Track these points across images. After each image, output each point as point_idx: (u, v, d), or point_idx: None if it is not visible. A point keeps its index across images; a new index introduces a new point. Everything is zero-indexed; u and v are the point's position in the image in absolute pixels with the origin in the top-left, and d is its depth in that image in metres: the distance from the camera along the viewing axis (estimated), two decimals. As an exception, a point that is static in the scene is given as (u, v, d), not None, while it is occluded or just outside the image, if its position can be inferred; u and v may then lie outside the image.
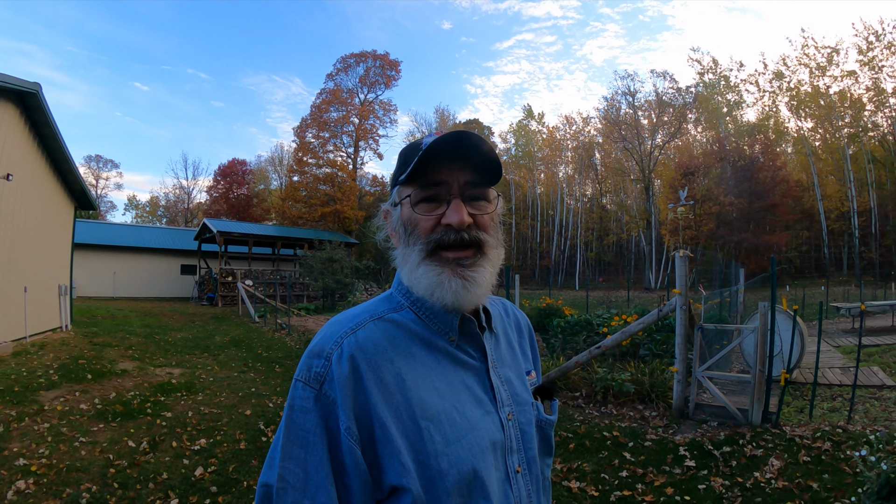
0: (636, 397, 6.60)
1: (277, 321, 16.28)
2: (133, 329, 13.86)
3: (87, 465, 4.42)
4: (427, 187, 0.87)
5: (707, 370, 5.94)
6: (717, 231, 37.49)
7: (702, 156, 41.68)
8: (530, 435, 0.95)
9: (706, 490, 3.93)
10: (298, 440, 0.76)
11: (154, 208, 68.88)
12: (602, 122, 51.12)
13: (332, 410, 0.76)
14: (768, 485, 3.95)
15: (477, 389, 0.89)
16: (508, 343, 1.04)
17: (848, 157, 36.20)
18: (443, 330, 0.89)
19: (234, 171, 55.71)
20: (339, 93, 45.73)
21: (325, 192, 43.00)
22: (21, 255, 10.11)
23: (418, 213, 0.87)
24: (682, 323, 6.07)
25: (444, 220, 0.86)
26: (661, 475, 4.27)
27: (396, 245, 0.95)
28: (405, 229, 0.90)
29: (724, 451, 4.66)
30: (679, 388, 6.03)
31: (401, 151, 0.95)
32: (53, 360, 8.61)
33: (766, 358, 5.59)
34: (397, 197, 0.92)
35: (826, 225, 37.67)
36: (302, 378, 0.80)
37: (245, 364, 9.64)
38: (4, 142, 9.21)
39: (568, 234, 51.35)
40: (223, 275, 25.11)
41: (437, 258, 0.86)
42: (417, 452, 0.76)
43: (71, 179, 12.74)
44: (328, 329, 0.86)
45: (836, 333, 12.42)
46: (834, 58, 37.71)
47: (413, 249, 0.88)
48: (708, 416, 5.79)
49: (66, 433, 5.19)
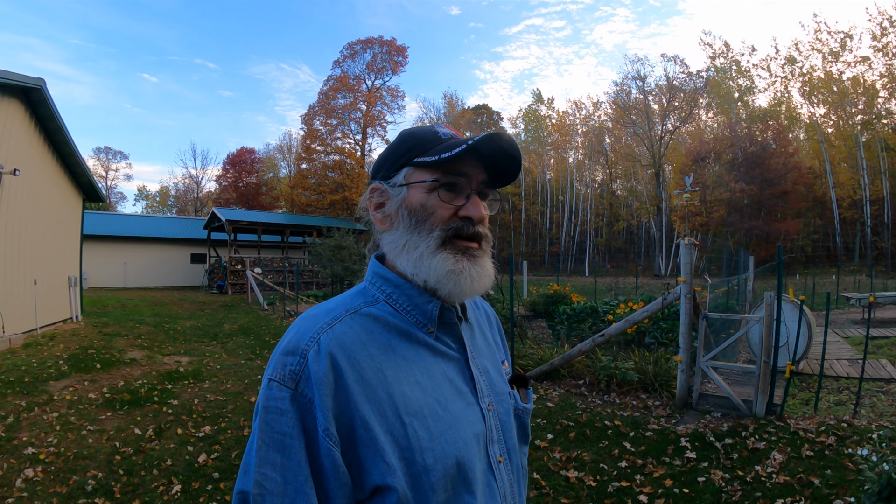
0: (639, 386, 6.58)
1: (286, 308, 16.35)
2: (143, 318, 14.03)
3: (94, 453, 4.51)
4: (451, 176, 0.86)
5: (711, 360, 5.88)
6: (727, 218, 37.15)
7: (713, 141, 41.24)
8: (509, 424, 0.95)
9: (705, 483, 3.90)
10: (274, 444, 0.73)
11: (164, 198, 69.41)
12: (612, 106, 50.73)
13: (310, 410, 0.74)
14: (769, 479, 3.92)
15: (458, 381, 0.88)
16: (482, 334, 1.03)
17: (861, 145, 35.69)
18: (421, 322, 0.87)
19: (242, 159, 55.97)
20: (346, 79, 45.53)
21: (333, 180, 43.02)
22: (30, 248, 10.27)
23: (440, 199, 0.86)
24: (687, 312, 6.05)
25: (464, 213, 0.86)
26: (661, 466, 4.23)
27: (385, 228, 0.92)
28: (411, 214, 0.88)
29: (726, 442, 4.62)
30: (683, 377, 6.00)
31: (410, 133, 0.93)
32: (63, 351, 8.75)
33: (772, 349, 5.52)
34: (403, 179, 0.89)
35: (838, 213, 37.20)
36: (276, 377, 0.76)
37: (252, 351, 9.73)
38: (10, 137, 9.29)
39: (578, 221, 51.16)
40: (232, 263, 25.24)
41: (453, 247, 0.86)
42: (402, 450, 0.75)
43: (78, 172, 12.87)
44: (302, 324, 0.82)
45: (846, 324, 12.32)
46: (847, 43, 37.11)
47: (426, 236, 0.86)
48: (711, 406, 5.77)
49: (74, 422, 5.29)
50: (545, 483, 3.98)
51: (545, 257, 51.31)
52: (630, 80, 48.54)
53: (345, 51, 47.01)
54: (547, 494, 3.80)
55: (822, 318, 13.38)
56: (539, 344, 8.69)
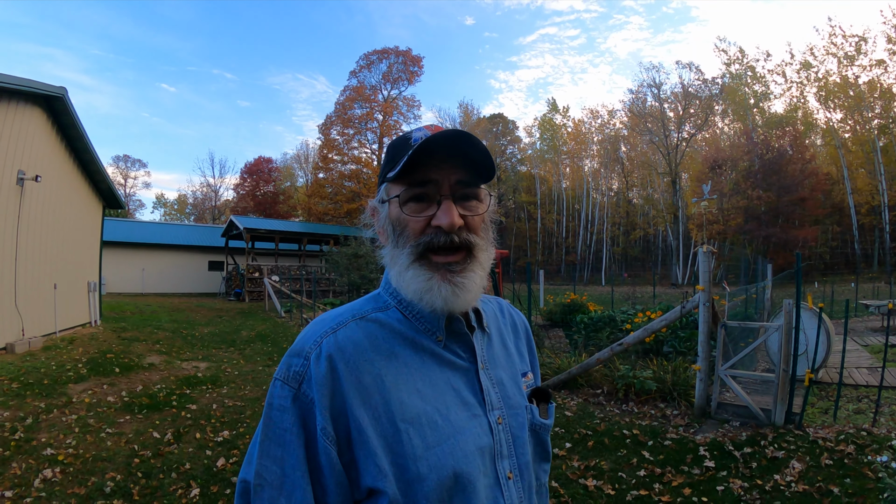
0: (658, 395, 6.50)
1: (303, 316, 16.45)
2: (161, 324, 14.17)
3: (113, 456, 4.54)
4: (416, 186, 0.83)
5: (730, 369, 5.81)
6: (745, 226, 36.89)
7: (729, 148, 41.00)
8: (522, 440, 0.92)
9: (724, 492, 3.86)
10: (276, 438, 0.76)
11: (182, 206, 70.26)
12: (628, 114, 50.59)
13: (310, 410, 0.76)
14: (788, 488, 3.86)
15: (464, 391, 0.87)
16: (503, 343, 1.01)
17: (878, 150, 35.08)
18: (430, 329, 0.87)
19: (260, 168, 56.55)
20: (362, 90, 46.11)
21: (350, 189, 43.52)
22: (50, 253, 10.46)
23: (407, 213, 0.84)
24: (706, 320, 5.97)
25: (434, 222, 0.83)
26: (680, 475, 4.19)
27: (384, 243, 0.91)
28: (393, 229, 0.87)
29: (745, 451, 4.57)
30: (701, 386, 5.92)
31: (389, 145, 0.91)
32: (82, 355, 8.85)
33: (791, 357, 5.44)
34: (385, 194, 0.89)
35: (856, 220, 36.60)
36: (281, 377, 0.79)
37: (270, 358, 9.76)
38: (33, 144, 9.53)
39: (594, 229, 51.00)
40: (250, 271, 25.46)
41: (426, 262, 0.84)
42: (395, 455, 0.75)
43: (98, 179, 13.10)
44: (310, 328, 0.85)
45: (865, 332, 12.07)
46: (862, 47, 36.66)
47: (402, 252, 0.85)
48: (730, 415, 5.68)
49: (93, 424, 5.35)
50: (563, 491, 3.94)
51: (561, 266, 51.09)
52: (645, 87, 48.44)
53: (361, 61, 47.82)
54: (566, 503, 3.77)
55: (841, 326, 13.23)
56: (556, 353, 8.64)
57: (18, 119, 9.02)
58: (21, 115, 9.10)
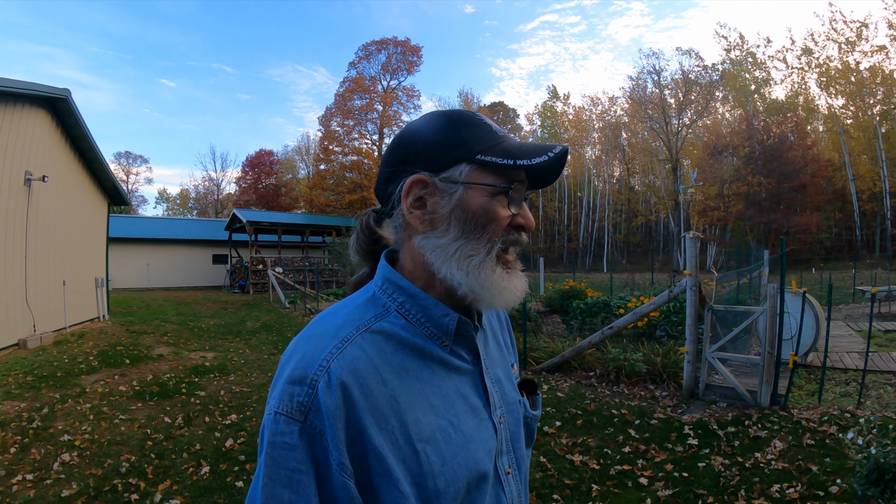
0: (648, 377, 6.71)
1: (307, 306, 16.76)
2: (168, 317, 14.47)
3: (127, 439, 4.82)
4: (515, 181, 0.81)
5: (718, 351, 5.99)
6: (745, 212, 36.86)
7: (729, 135, 40.88)
8: (519, 435, 0.92)
9: (705, 468, 4.03)
10: (282, 480, 0.68)
11: (184, 200, 70.49)
12: (628, 101, 50.42)
13: (320, 443, 0.69)
14: (768, 465, 4.02)
15: (472, 396, 0.84)
16: (495, 338, 0.99)
17: (880, 136, 34.90)
18: (435, 335, 0.82)
19: (261, 161, 56.61)
20: (361, 81, 46.03)
21: (351, 180, 43.62)
22: (59, 251, 10.73)
23: (506, 208, 0.80)
24: (693, 304, 6.16)
25: (519, 221, 0.82)
26: (663, 452, 4.37)
27: (423, 230, 0.82)
28: (472, 219, 0.80)
29: (729, 431, 4.75)
30: (689, 368, 6.12)
31: (459, 119, 0.83)
32: (93, 348, 9.16)
33: (775, 340, 5.61)
34: (465, 177, 0.80)
35: (858, 206, 36.46)
36: (283, 411, 0.70)
37: (275, 347, 10.04)
38: (39, 145, 9.76)
39: (596, 217, 50.96)
40: (254, 263, 25.69)
41: (501, 259, 0.81)
42: (415, 476, 0.72)
43: (103, 178, 13.34)
44: (308, 346, 0.75)
45: (862, 317, 12.11)
46: (863, 32, 36.34)
47: (484, 246, 0.79)
48: (718, 397, 5.87)
49: (107, 412, 5.63)
50: (551, 466, 4.16)
51: (563, 254, 51.18)
52: (646, 74, 48.19)
53: (360, 52, 47.68)
54: (552, 476, 3.98)
55: (836, 311, 13.33)
56: (553, 338, 8.87)
57: (24, 121, 9.23)
58: (27, 118, 9.31)
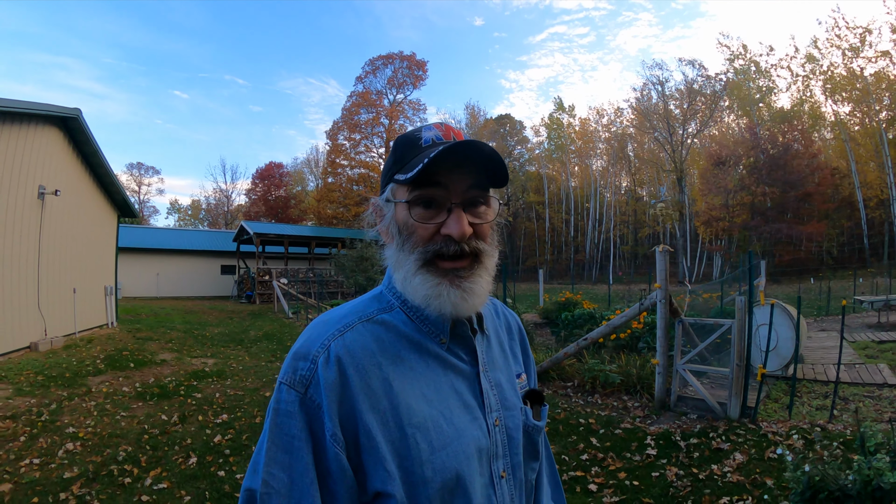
0: (622, 388, 6.80)
1: (308, 316, 17.11)
2: (174, 325, 14.95)
3: (126, 433, 5.27)
4: (426, 189, 0.82)
5: (690, 363, 6.16)
6: (750, 222, 36.62)
7: (733, 144, 40.91)
8: (517, 441, 0.93)
9: (658, 478, 4.12)
10: (283, 445, 0.74)
11: (196, 211, 71.26)
12: (633, 112, 50.59)
13: (318, 415, 0.75)
14: (723, 478, 4.05)
15: (466, 395, 0.87)
16: (500, 345, 1.01)
17: (885, 142, 34.39)
18: (434, 332, 0.87)
19: (271, 173, 57.18)
20: (368, 95, 46.95)
21: (358, 193, 44.39)
22: (70, 260, 11.29)
23: (416, 220, 0.83)
24: (663, 316, 6.33)
25: (445, 231, 0.82)
26: (620, 461, 4.50)
27: (387, 242, 0.90)
28: (399, 232, 0.86)
29: (691, 442, 4.82)
30: (660, 380, 6.23)
31: (396, 142, 0.89)
32: (100, 352, 9.65)
33: (744, 352, 5.73)
34: (391, 195, 0.87)
35: (865, 213, 35.93)
36: (286, 381, 0.77)
37: (273, 355, 10.46)
38: (52, 161, 10.38)
39: (602, 228, 51.02)
40: (260, 274, 26.13)
41: (433, 268, 0.83)
42: (402, 459, 0.76)
43: (113, 191, 13.94)
44: (314, 330, 0.83)
45: (860, 328, 11.94)
46: (867, 38, 36.00)
47: (408, 257, 0.84)
48: (689, 408, 6.00)
49: (110, 409, 6.09)
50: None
51: (570, 265, 51.27)
52: (650, 85, 48.34)
53: (366, 67, 48.59)
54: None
55: (836, 321, 13.29)
56: (537, 349, 9.10)
57: (38, 139, 9.81)
58: (40, 136, 9.89)
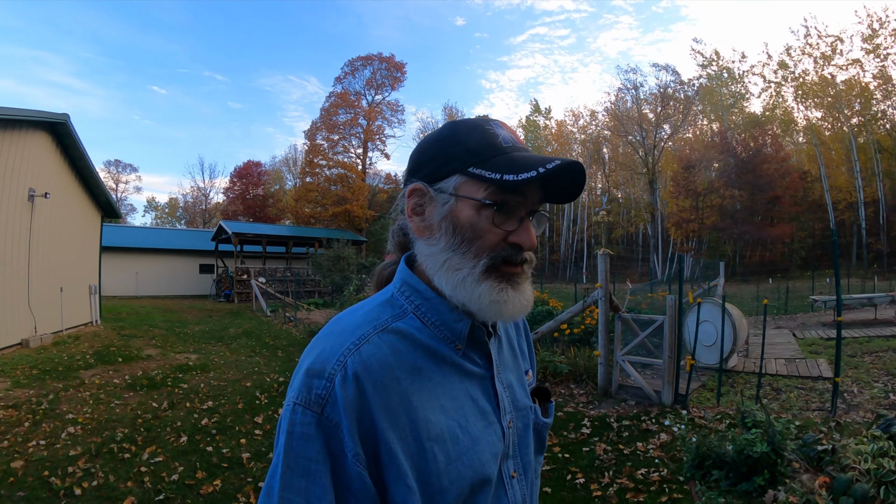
0: (571, 378, 7.49)
1: (286, 315, 17.70)
2: (156, 323, 15.51)
3: (121, 418, 5.91)
4: (511, 194, 0.78)
5: (627, 354, 6.87)
6: (719, 223, 37.89)
7: (703, 148, 42.07)
8: (527, 440, 0.92)
9: (588, 452, 4.64)
10: (299, 469, 0.69)
11: (173, 209, 70.84)
12: (607, 116, 51.49)
13: (336, 434, 0.70)
14: (645, 454, 4.58)
15: (481, 400, 0.85)
16: (510, 344, 1.00)
17: (854, 147, 35.85)
18: (449, 338, 0.83)
19: (249, 172, 56.96)
20: (346, 96, 47.20)
21: (335, 193, 44.60)
22: (57, 260, 11.81)
23: (487, 223, 0.78)
24: (604, 312, 7.07)
25: (515, 239, 0.79)
26: (557, 438, 5.10)
27: (425, 236, 0.83)
28: (456, 230, 0.80)
29: (623, 424, 5.38)
30: (602, 370, 6.97)
31: (463, 131, 0.82)
32: (88, 348, 10.25)
33: (675, 345, 6.43)
34: (455, 188, 0.80)
35: (834, 216, 37.25)
36: (301, 402, 0.72)
37: (253, 350, 11.11)
38: (41, 165, 10.92)
39: (577, 229, 51.95)
40: (238, 273, 26.42)
41: (496, 273, 0.79)
42: (420, 472, 0.74)
43: (97, 193, 14.44)
44: (327, 342, 0.77)
45: (815, 326, 12.45)
46: (838, 46, 37.31)
47: (471, 261, 0.79)
48: (629, 395, 6.63)
49: (104, 398, 6.73)
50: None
51: (545, 265, 52.13)
52: (625, 89, 49.30)
53: (345, 67, 48.72)
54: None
55: (791, 319, 14.13)
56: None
57: (29, 144, 10.35)
58: (30, 140, 10.42)
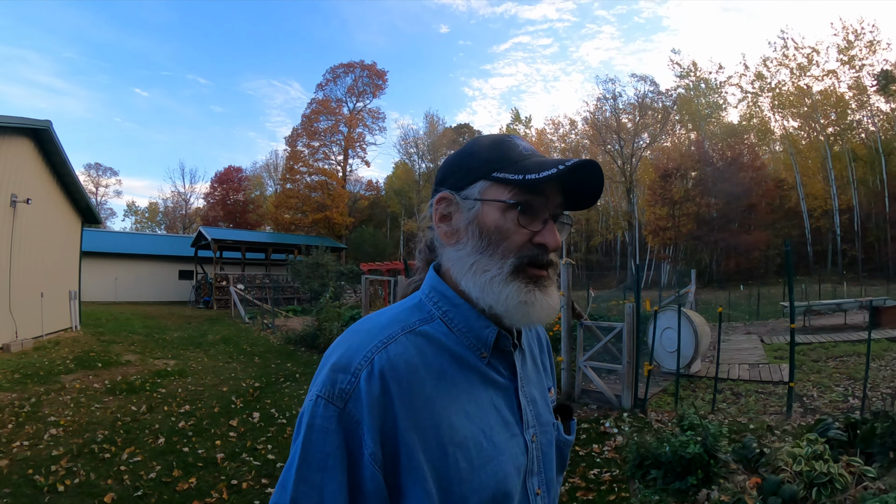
0: None
1: (264, 322, 17.83)
2: (135, 329, 15.63)
3: (101, 421, 6.16)
4: (533, 195, 0.80)
5: (590, 360, 7.21)
6: (696, 231, 38.62)
7: (679, 158, 42.88)
8: (550, 456, 0.91)
9: None
10: (316, 463, 0.69)
11: (153, 214, 70.12)
12: (587, 125, 52.11)
13: (355, 431, 0.70)
14: (600, 455, 4.83)
15: (505, 411, 0.83)
16: (533, 359, 0.98)
17: (829, 156, 36.84)
18: (475, 345, 0.81)
19: (230, 177, 56.55)
20: (328, 103, 47.54)
21: (315, 199, 44.77)
22: (38, 266, 11.94)
23: (521, 225, 0.79)
24: (566, 320, 7.46)
25: (540, 240, 0.80)
26: None
27: (450, 242, 0.84)
28: (482, 233, 0.81)
29: (582, 427, 5.55)
30: (565, 374, 7.32)
31: (486, 142, 0.86)
32: (68, 353, 10.40)
33: (634, 351, 6.74)
34: (480, 193, 0.81)
35: (809, 223, 38.15)
36: (325, 395, 0.71)
37: (230, 356, 11.33)
38: (23, 171, 11.08)
39: (555, 235, 52.35)
40: (218, 280, 26.45)
41: (525, 275, 0.80)
42: (441, 479, 0.72)
43: (78, 198, 14.58)
44: (354, 339, 0.77)
45: (784, 331, 12.47)
46: (814, 58, 38.32)
47: (498, 262, 0.79)
48: (591, 400, 6.93)
49: (84, 402, 6.96)
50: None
51: (525, 272, 52.28)
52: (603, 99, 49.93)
53: (327, 74, 49.18)
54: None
55: (762, 325, 14.48)
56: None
57: (11, 150, 10.52)
58: (13, 146, 10.59)
